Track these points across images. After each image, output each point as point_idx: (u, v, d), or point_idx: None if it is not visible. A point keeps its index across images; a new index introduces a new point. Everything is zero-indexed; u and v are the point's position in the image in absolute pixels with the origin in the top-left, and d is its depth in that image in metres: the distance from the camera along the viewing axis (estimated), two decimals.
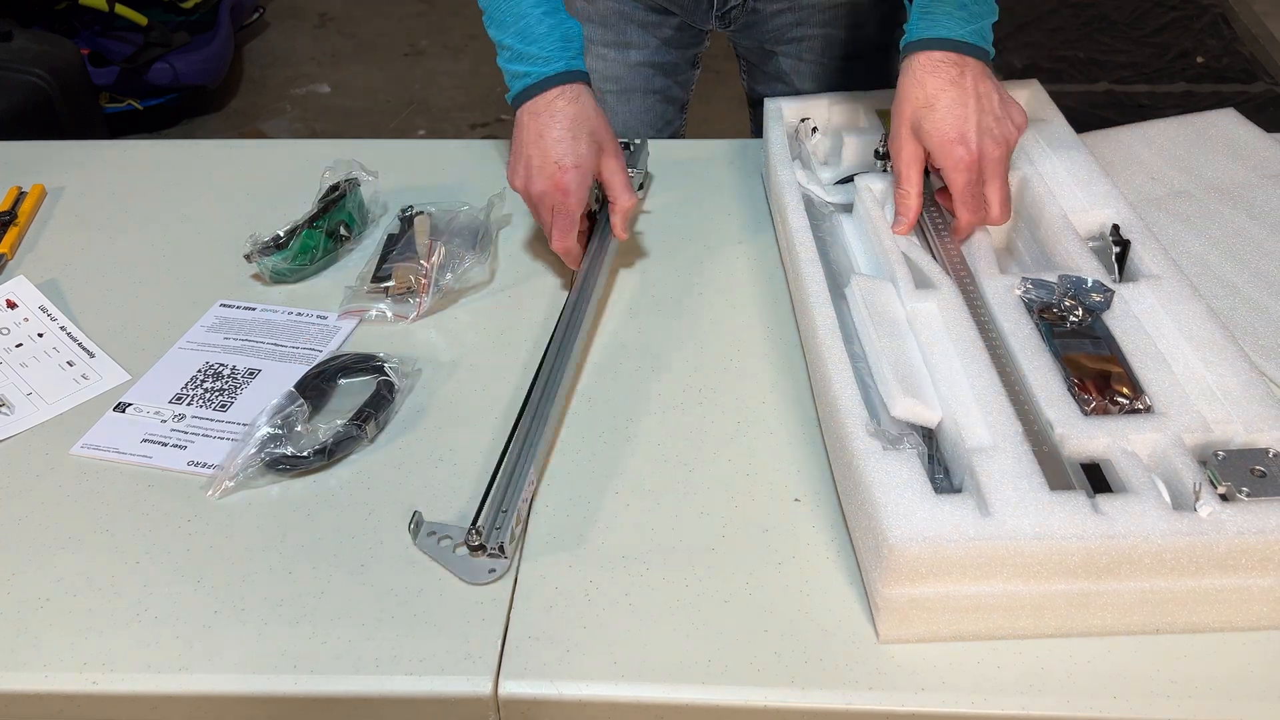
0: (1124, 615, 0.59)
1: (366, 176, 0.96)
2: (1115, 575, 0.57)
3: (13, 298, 0.88)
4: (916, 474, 0.60)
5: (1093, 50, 2.87)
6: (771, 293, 0.87)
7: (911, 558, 0.56)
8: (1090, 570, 0.57)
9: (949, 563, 0.57)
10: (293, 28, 3.30)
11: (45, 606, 0.63)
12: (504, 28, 0.85)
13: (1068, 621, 0.59)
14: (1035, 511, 0.57)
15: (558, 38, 0.84)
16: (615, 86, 1.11)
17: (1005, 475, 0.60)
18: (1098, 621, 0.59)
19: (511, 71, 0.86)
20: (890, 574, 0.57)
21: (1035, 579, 0.57)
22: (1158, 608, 0.58)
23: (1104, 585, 0.57)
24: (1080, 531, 0.56)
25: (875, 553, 0.59)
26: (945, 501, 0.58)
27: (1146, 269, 0.76)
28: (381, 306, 0.86)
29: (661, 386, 0.79)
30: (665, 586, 0.64)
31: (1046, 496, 0.58)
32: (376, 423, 0.74)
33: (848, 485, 0.65)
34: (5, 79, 2.04)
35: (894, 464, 0.61)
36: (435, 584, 0.64)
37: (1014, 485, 0.59)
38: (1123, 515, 0.57)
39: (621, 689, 0.58)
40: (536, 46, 0.84)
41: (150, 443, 0.75)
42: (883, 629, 0.60)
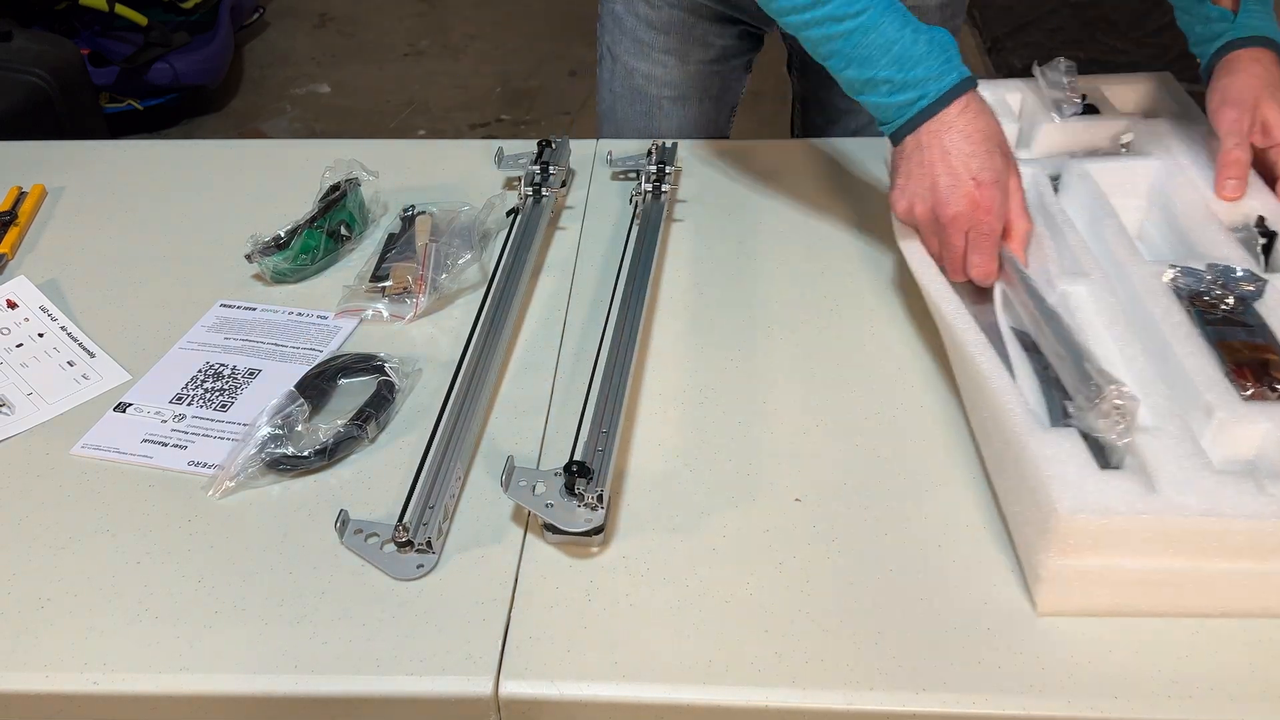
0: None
1: (366, 176, 0.96)
2: None
3: (13, 298, 0.88)
4: (1080, 449, 0.61)
5: (1093, 50, 2.86)
6: (794, 291, 0.87)
7: (1080, 529, 0.57)
8: (1256, 550, 0.58)
9: (1117, 535, 0.57)
10: (293, 28, 3.30)
11: (45, 606, 0.63)
12: (872, 64, 0.76)
13: (1228, 600, 0.60)
14: (1202, 489, 0.58)
15: (938, 52, 0.76)
16: (673, 92, 1.11)
17: (1170, 454, 0.60)
18: (1259, 602, 0.60)
19: (898, 103, 0.77)
20: (1058, 545, 0.58)
21: (1200, 556, 0.58)
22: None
23: (1269, 566, 0.58)
24: (1249, 510, 0.57)
25: (1041, 525, 0.59)
26: (1112, 476, 0.59)
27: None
28: (378, 306, 0.86)
29: (661, 385, 0.79)
30: (665, 586, 0.64)
31: (1212, 476, 0.59)
32: (377, 423, 0.74)
33: (1005, 461, 0.65)
34: (5, 79, 2.04)
35: (1057, 439, 0.61)
36: (436, 584, 0.64)
37: (1179, 464, 0.60)
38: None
39: (621, 689, 0.58)
40: (922, 68, 0.75)
41: (150, 443, 0.75)
42: (1042, 601, 0.61)
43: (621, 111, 1.14)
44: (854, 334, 0.83)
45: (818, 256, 0.91)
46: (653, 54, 1.08)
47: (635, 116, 1.13)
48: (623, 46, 1.10)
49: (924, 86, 0.75)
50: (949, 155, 0.75)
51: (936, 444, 0.73)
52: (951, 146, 0.75)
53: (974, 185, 0.74)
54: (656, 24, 1.06)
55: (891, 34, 0.75)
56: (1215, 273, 0.74)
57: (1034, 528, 0.61)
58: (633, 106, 1.13)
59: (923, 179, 0.76)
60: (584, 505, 0.65)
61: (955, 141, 0.75)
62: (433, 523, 0.66)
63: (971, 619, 0.61)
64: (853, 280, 0.89)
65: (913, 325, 0.84)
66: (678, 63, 1.08)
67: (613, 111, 1.15)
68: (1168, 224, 0.84)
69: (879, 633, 0.60)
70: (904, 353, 0.81)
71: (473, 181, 1.03)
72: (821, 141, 1.08)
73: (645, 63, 1.08)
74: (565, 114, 2.83)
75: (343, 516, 0.67)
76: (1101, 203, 0.82)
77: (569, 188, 1.01)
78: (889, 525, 0.67)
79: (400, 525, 0.65)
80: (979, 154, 0.75)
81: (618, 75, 1.12)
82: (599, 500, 0.64)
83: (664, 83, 1.10)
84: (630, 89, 1.12)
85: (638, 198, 0.96)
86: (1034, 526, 0.61)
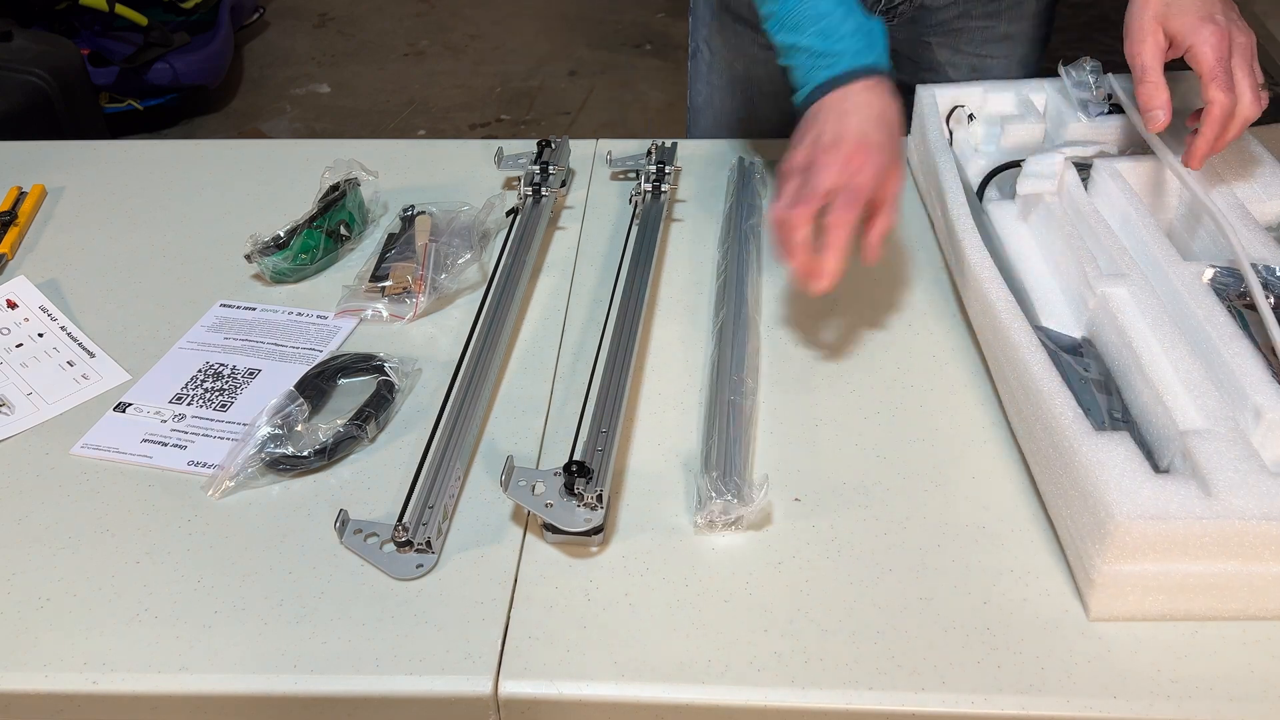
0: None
1: (366, 176, 0.96)
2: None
3: (13, 298, 0.88)
4: (1133, 453, 0.60)
5: (1093, 50, 2.85)
6: (794, 290, 0.87)
7: (1138, 534, 0.57)
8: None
9: (1173, 540, 0.57)
10: (293, 28, 3.31)
11: (45, 606, 0.63)
12: (800, 31, 0.81)
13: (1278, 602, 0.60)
14: (1259, 492, 0.57)
15: (863, 34, 0.79)
16: (771, 88, 1.11)
17: (1223, 457, 0.60)
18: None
19: (809, 66, 0.80)
20: (1114, 550, 0.58)
21: (1255, 560, 0.58)
22: None
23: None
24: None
25: (1096, 530, 0.58)
26: (1166, 481, 0.58)
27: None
28: (378, 306, 0.86)
29: (661, 385, 0.79)
30: (665, 586, 0.64)
31: (1268, 478, 0.58)
32: (377, 423, 0.74)
33: (1054, 465, 0.64)
34: (5, 79, 2.04)
35: (1110, 444, 0.61)
36: (436, 584, 0.64)
37: (1234, 467, 0.59)
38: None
39: (621, 689, 0.58)
40: (843, 44, 0.79)
41: (150, 443, 0.75)
42: (1095, 606, 0.60)
43: (721, 103, 1.15)
44: (855, 333, 0.83)
45: None
46: (751, 46, 1.08)
47: (736, 107, 1.14)
48: (720, 38, 1.11)
49: (838, 60, 0.79)
50: (844, 117, 0.77)
51: (936, 444, 0.73)
52: (848, 112, 0.77)
53: (856, 145, 0.75)
54: (754, 14, 1.07)
55: (824, 8, 0.79)
56: (1256, 273, 0.73)
57: (1088, 533, 0.60)
58: (733, 98, 1.14)
59: (811, 131, 0.78)
60: (583, 505, 0.65)
61: (851, 110, 0.77)
62: (432, 522, 0.66)
63: (971, 619, 0.61)
64: (853, 279, 0.88)
65: (913, 325, 0.84)
66: (774, 57, 1.09)
67: (711, 104, 1.16)
68: (1199, 223, 0.84)
69: (879, 633, 0.60)
70: (904, 352, 0.81)
71: (473, 181, 1.03)
72: None
73: (746, 52, 1.09)
74: (565, 114, 2.83)
75: (342, 516, 0.67)
76: (1134, 202, 0.81)
77: (569, 188, 1.01)
78: (889, 525, 0.67)
79: (400, 525, 0.65)
80: (870, 123, 0.77)
81: (716, 67, 1.13)
82: (598, 500, 0.64)
83: (765, 72, 1.10)
84: (730, 80, 1.13)
85: (637, 198, 0.96)
86: (1088, 531, 0.60)
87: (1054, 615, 0.61)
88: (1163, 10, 0.77)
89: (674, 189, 0.99)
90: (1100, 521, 0.58)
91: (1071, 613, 0.61)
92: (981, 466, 0.71)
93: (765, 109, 1.14)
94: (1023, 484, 0.70)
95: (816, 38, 0.79)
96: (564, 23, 3.29)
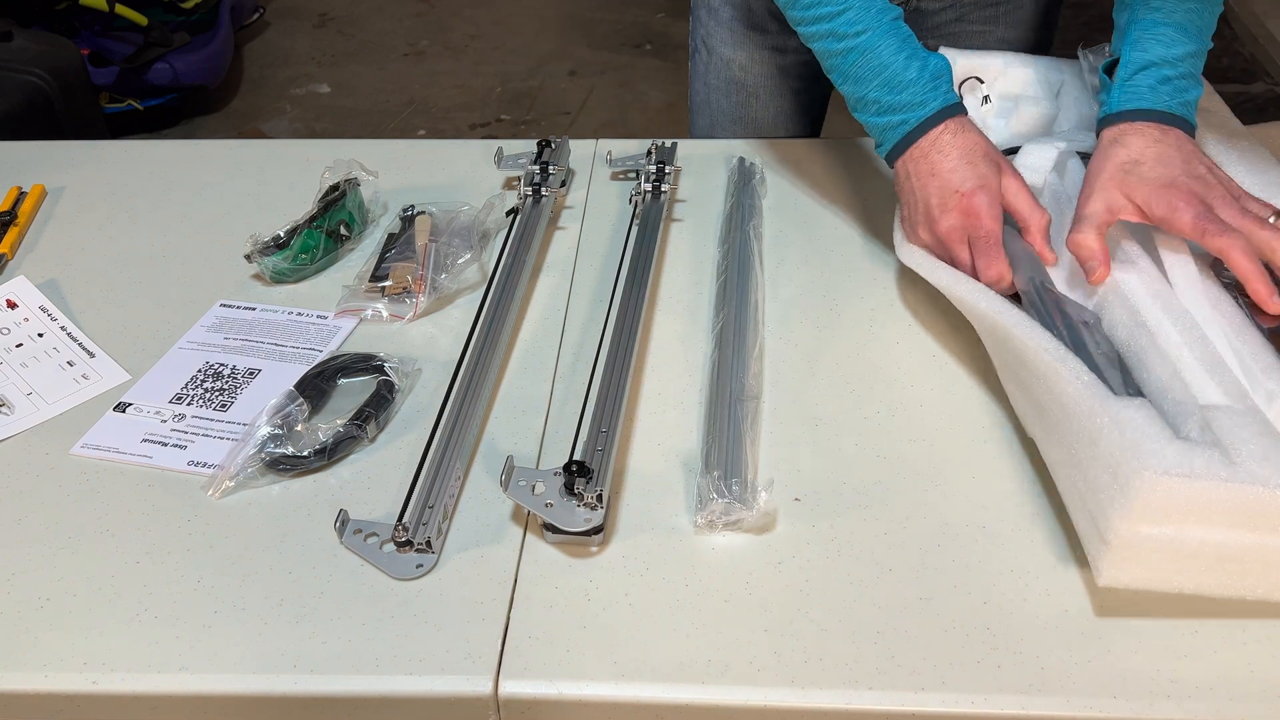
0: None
1: (366, 176, 0.96)
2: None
3: (13, 298, 0.88)
4: (1155, 416, 0.60)
5: None
6: (794, 290, 0.87)
7: (1163, 492, 0.56)
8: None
9: (1198, 503, 0.56)
10: (293, 28, 3.31)
11: (45, 606, 0.63)
12: (864, 83, 0.80)
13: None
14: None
15: (927, 79, 0.79)
16: (770, 82, 1.12)
17: (1247, 430, 0.59)
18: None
19: (882, 125, 0.81)
20: (1138, 509, 0.57)
21: (1274, 533, 0.57)
22: None
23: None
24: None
25: (1120, 489, 0.58)
26: (1190, 445, 0.58)
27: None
28: (378, 306, 0.86)
29: (661, 385, 0.79)
30: (665, 586, 0.64)
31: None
32: (377, 423, 0.74)
33: (1066, 431, 0.64)
34: (5, 79, 2.04)
35: (1132, 407, 0.61)
36: (435, 584, 0.64)
37: (1256, 440, 0.59)
38: None
39: (621, 689, 0.58)
40: (908, 94, 0.79)
41: (150, 443, 0.75)
42: (1106, 569, 0.59)
43: (717, 103, 1.15)
44: (854, 333, 0.83)
45: (818, 255, 0.91)
46: (749, 44, 1.09)
47: (732, 107, 1.14)
48: (718, 37, 1.11)
49: (909, 111, 0.79)
50: (935, 175, 0.78)
51: (936, 444, 0.73)
52: (937, 166, 0.78)
53: (959, 197, 0.77)
54: (753, 13, 1.07)
55: (886, 57, 0.79)
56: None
57: (1107, 494, 0.59)
58: (730, 98, 1.14)
59: (916, 204, 0.80)
60: (583, 505, 0.65)
61: (939, 161, 0.78)
62: (432, 522, 0.66)
63: (971, 619, 0.61)
64: (854, 279, 0.89)
65: (913, 325, 0.84)
66: (774, 52, 1.09)
67: (708, 104, 1.16)
68: None
69: (879, 633, 0.60)
70: (904, 352, 0.81)
71: (473, 181, 1.03)
72: (824, 141, 1.08)
73: (742, 52, 1.09)
74: (565, 114, 2.83)
75: (342, 516, 0.67)
76: None
77: (569, 188, 1.01)
78: (889, 525, 0.67)
79: (400, 525, 0.65)
80: (961, 167, 0.78)
81: (713, 67, 1.13)
82: (598, 500, 0.64)
83: (761, 73, 1.11)
84: (726, 80, 1.13)
85: (637, 198, 0.96)
86: (1107, 493, 0.59)
87: (1054, 615, 0.61)
88: (1121, 177, 0.76)
89: (674, 189, 0.99)
90: (1125, 480, 0.57)
91: (1071, 612, 0.61)
92: (981, 466, 0.71)
93: (762, 109, 1.14)
94: (1023, 483, 0.70)
95: (882, 90, 0.79)
96: (564, 23, 3.29)
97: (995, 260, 0.76)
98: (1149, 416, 0.60)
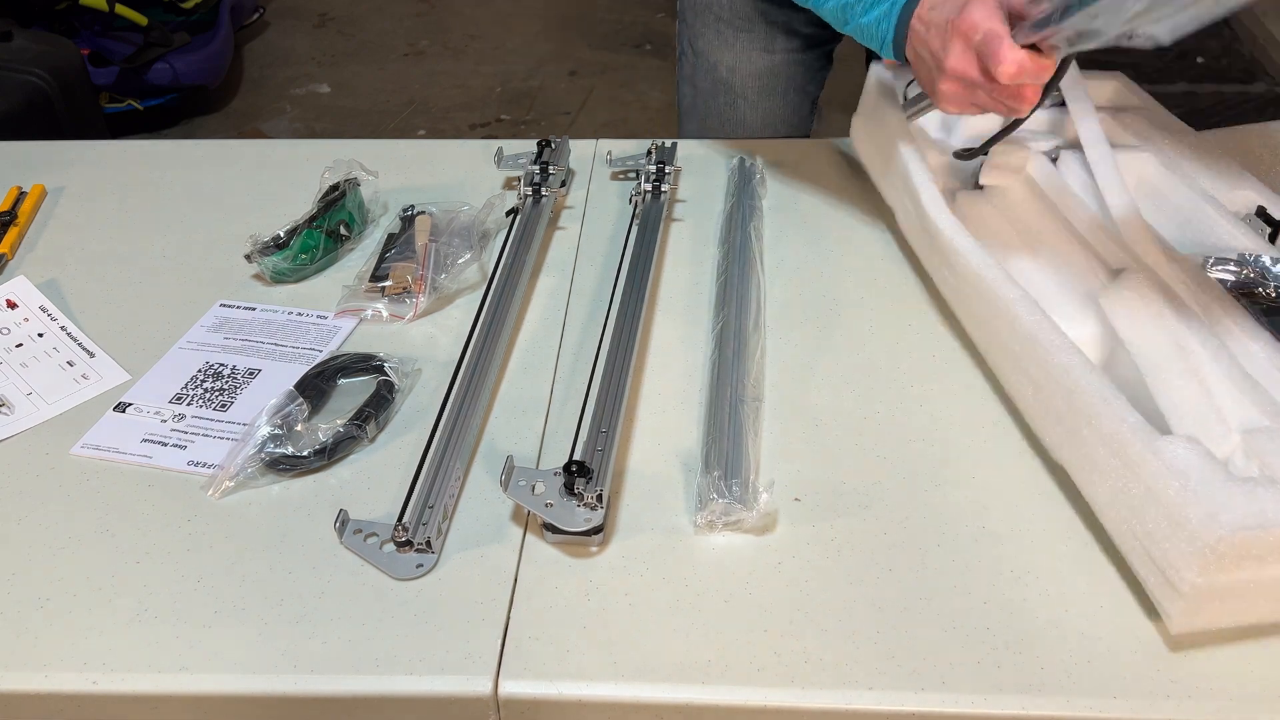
0: None
1: (366, 176, 0.96)
2: None
3: (13, 298, 0.88)
4: (1206, 458, 0.57)
5: (1092, 50, 2.86)
6: (794, 290, 0.87)
7: (1240, 544, 0.54)
8: None
9: (1273, 546, 0.54)
10: (293, 28, 3.31)
11: (45, 606, 0.63)
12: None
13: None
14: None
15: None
16: (758, 83, 1.12)
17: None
18: None
19: (876, 17, 0.79)
20: (1211, 564, 0.54)
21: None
22: None
23: None
24: None
25: (1188, 542, 0.55)
26: (1253, 488, 0.55)
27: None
28: (378, 306, 0.86)
29: (661, 385, 0.79)
30: (665, 586, 0.64)
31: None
32: (376, 423, 0.74)
33: (1111, 472, 0.61)
34: (5, 79, 2.04)
35: (1181, 451, 0.57)
36: (435, 584, 0.64)
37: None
38: None
39: (621, 689, 0.58)
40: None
41: (150, 443, 0.75)
42: (1178, 619, 0.57)
43: (705, 106, 1.15)
44: (854, 333, 0.83)
45: (818, 255, 0.91)
46: (736, 45, 1.09)
47: (720, 109, 1.14)
48: (705, 40, 1.11)
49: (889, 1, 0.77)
50: (930, 26, 0.74)
51: (936, 444, 0.73)
52: (931, 19, 0.74)
53: (952, 25, 0.72)
54: (740, 14, 1.07)
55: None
56: (1247, 264, 0.72)
57: (1172, 544, 0.56)
58: (717, 100, 1.14)
59: (926, 67, 0.75)
60: (583, 505, 0.65)
61: (932, 16, 0.74)
62: (432, 522, 0.66)
63: (971, 619, 0.61)
64: (853, 279, 0.89)
65: (913, 325, 0.84)
66: (762, 52, 1.10)
67: (695, 107, 1.16)
68: (1165, 215, 0.82)
69: (879, 633, 0.60)
70: (904, 352, 0.81)
71: (473, 181, 1.03)
72: (823, 141, 1.08)
73: (729, 54, 1.09)
74: (565, 114, 2.83)
75: (342, 516, 0.67)
76: (1119, 194, 0.79)
77: (569, 188, 1.01)
78: (889, 525, 0.67)
79: (400, 525, 0.65)
80: (944, 5, 0.73)
81: (700, 70, 1.13)
82: (598, 500, 0.64)
83: (748, 74, 1.11)
84: (714, 82, 1.13)
85: (637, 198, 0.96)
86: (1172, 542, 0.56)
87: (1054, 615, 0.61)
88: None
89: (674, 189, 0.99)
90: (1193, 532, 0.55)
91: (1072, 613, 0.61)
92: (982, 466, 0.71)
93: (751, 110, 1.14)
94: (1023, 483, 0.70)
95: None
96: (564, 23, 3.29)
97: (1004, 56, 0.68)
98: (1200, 460, 0.57)
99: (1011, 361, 0.72)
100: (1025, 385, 0.70)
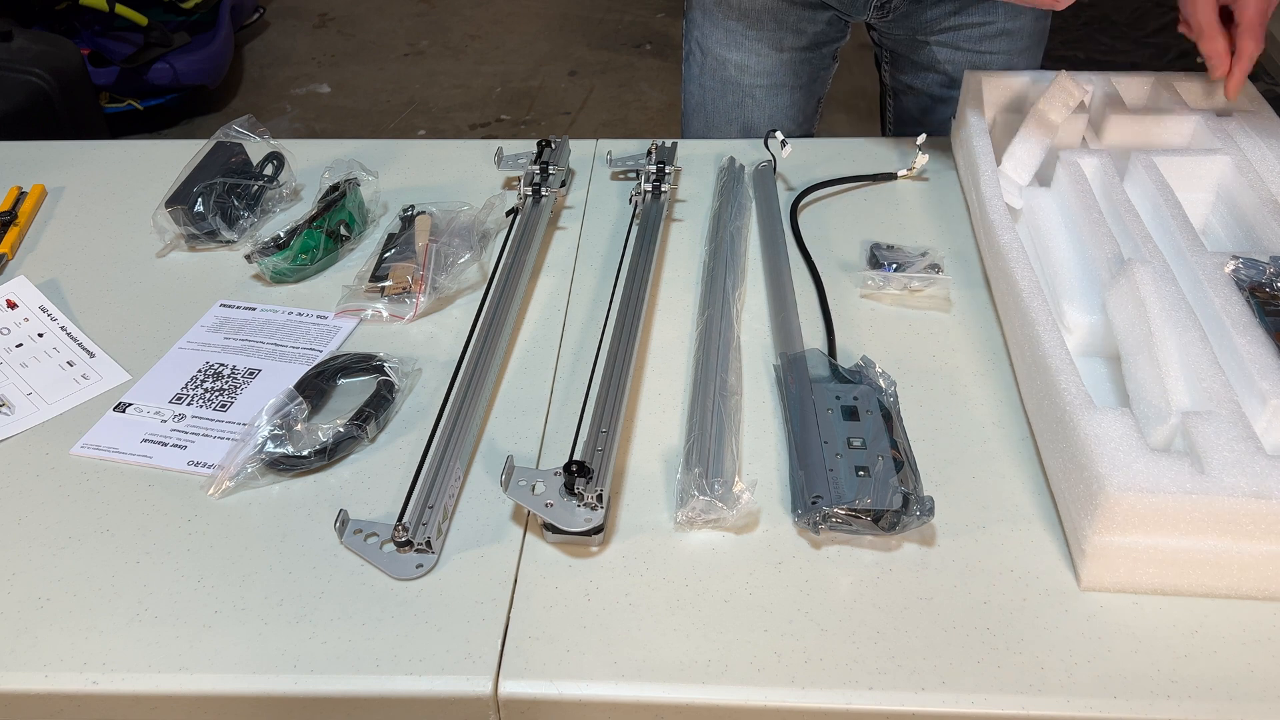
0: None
1: (366, 176, 0.96)
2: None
3: (13, 298, 0.88)
4: (1131, 430, 0.62)
5: (1093, 50, 2.86)
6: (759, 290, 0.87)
7: (1128, 507, 0.58)
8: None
9: (1164, 514, 0.58)
10: (293, 28, 3.31)
11: (45, 606, 0.63)
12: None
13: (1270, 582, 0.61)
14: (1253, 472, 0.59)
15: None
16: (766, 81, 1.12)
17: (1221, 437, 0.61)
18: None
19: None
20: (1103, 522, 0.59)
21: (1247, 538, 0.59)
22: None
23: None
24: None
25: (1089, 502, 0.60)
26: (1161, 457, 0.60)
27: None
28: (378, 306, 0.86)
29: (661, 385, 0.79)
30: (665, 586, 0.64)
31: (1264, 459, 0.59)
32: (377, 423, 0.74)
33: (1057, 439, 0.66)
34: (5, 79, 2.04)
35: (1109, 420, 0.62)
36: (435, 584, 0.64)
37: (1230, 447, 0.60)
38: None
39: (621, 689, 0.58)
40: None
41: (150, 443, 0.75)
42: (1086, 576, 0.62)
43: (712, 104, 1.15)
44: (854, 333, 0.83)
45: (818, 255, 0.91)
46: (745, 43, 1.09)
47: (727, 108, 1.15)
48: (714, 38, 1.11)
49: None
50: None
51: (936, 444, 0.73)
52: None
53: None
54: (750, 12, 1.07)
55: None
56: (1278, 265, 0.75)
57: (1081, 504, 0.62)
58: (725, 98, 1.14)
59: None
60: (583, 505, 0.65)
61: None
62: (432, 522, 0.66)
63: (971, 619, 0.61)
64: (854, 279, 0.89)
65: (913, 325, 0.84)
66: (771, 50, 1.10)
67: (702, 106, 1.16)
68: (1233, 218, 0.86)
69: (879, 633, 0.60)
70: (903, 352, 0.81)
71: (473, 181, 1.03)
72: (823, 141, 1.08)
73: (738, 52, 1.10)
74: (565, 114, 2.83)
75: (342, 516, 0.67)
76: (1166, 193, 0.83)
77: (569, 188, 1.01)
78: None
79: (400, 525, 0.65)
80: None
81: (708, 68, 1.14)
82: (598, 500, 0.64)
83: (757, 72, 1.11)
84: (722, 81, 1.13)
85: (637, 198, 0.96)
86: (1081, 503, 0.62)
87: (1054, 616, 0.61)
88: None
89: (674, 189, 0.99)
90: (1093, 494, 0.60)
91: (1071, 613, 0.62)
92: (981, 466, 0.71)
93: (754, 113, 1.14)
94: (1024, 483, 0.70)
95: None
96: (564, 23, 3.30)
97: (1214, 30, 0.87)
98: (1124, 431, 0.62)
99: (1014, 338, 0.77)
100: (1022, 362, 0.75)
